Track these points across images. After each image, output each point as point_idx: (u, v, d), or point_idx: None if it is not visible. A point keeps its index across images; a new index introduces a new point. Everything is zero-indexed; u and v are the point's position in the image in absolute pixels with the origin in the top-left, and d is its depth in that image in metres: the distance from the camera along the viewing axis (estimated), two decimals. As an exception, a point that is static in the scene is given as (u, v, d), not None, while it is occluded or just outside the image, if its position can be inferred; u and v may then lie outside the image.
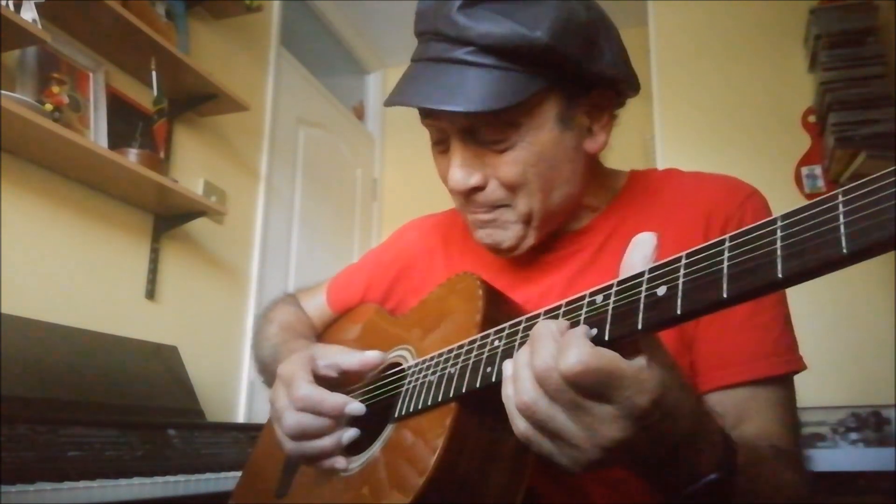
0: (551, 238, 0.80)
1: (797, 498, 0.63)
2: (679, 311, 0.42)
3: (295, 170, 3.18)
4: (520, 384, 0.48)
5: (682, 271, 0.43)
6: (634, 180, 0.83)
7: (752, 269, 0.40)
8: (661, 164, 2.70)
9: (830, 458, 1.95)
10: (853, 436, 2.09)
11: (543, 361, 0.46)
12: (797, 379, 0.71)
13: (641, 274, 0.47)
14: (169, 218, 2.24)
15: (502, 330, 0.58)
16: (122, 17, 1.91)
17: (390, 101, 0.71)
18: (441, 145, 0.76)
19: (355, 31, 3.72)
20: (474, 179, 0.72)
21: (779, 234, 0.40)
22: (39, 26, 1.63)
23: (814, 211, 0.39)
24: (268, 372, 0.94)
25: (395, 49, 3.82)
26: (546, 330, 0.48)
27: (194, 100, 2.33)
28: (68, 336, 1.69)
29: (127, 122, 2.09)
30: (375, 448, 0.68)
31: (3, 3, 1.54)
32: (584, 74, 0.71)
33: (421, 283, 0.89)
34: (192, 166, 2.43)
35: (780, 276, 0.39)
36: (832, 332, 2.31)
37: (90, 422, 1.38)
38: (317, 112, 3.39)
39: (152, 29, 2.03)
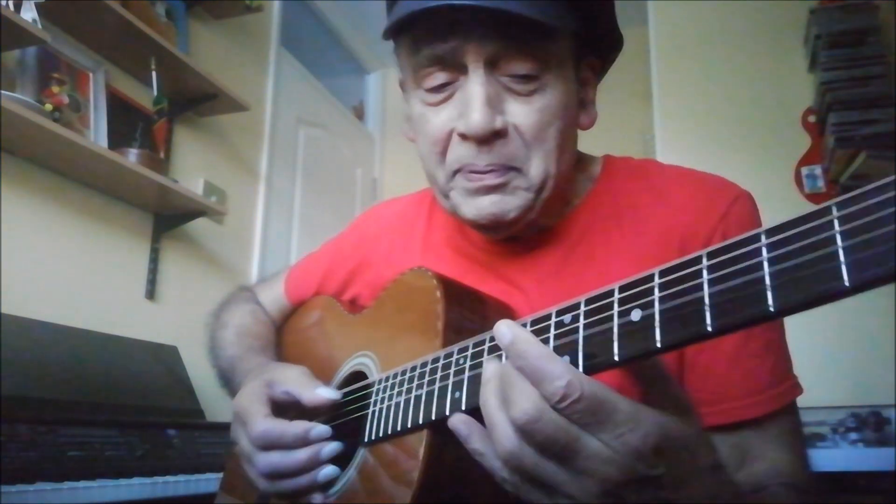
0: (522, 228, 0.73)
1: None
2: (659, 344, 0.38)
3: (295, 170, 3.18)
4: (499, 432, 0.43)
5: (656, 293, 0.39)
6: (608, 172, 0.74)
7: (738, 299, 0.35)
8: (661, 164, 2.70)
9: (830, 458, 1.95)
10: (853, 436, 2.09)
11: (524, 412, 0.41)
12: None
13: (611, 293, 0.43)
14: (169, 218, 2.24)
15: (466, 349, 0.55)
16: (122, 17, 1.91)
17: (408, 9, 0.60)
18: (443, 91, 0.65)
19: (355, 31, 3.72)
20: (500, 121, 0.62)
21: (765, 254, 0.35)
22: (39, 26, 1.63)
23: (804, 228, 0.34)
24: (229, 385, 0.88)
25: (395, 49, 3.82)
26: (513, 370, 0.42)
27: (194, 100, 2.33)
28: (68, 336, 1.69)
29: (127, 122, 2.09)
30: (350, 473, 0.65)
31: (3, 3, 1.54)
32: (601, 27, 0.67)
33: (379, 276, 0.82)
34: (192, 166, 2.43)
35: (771, 309, 0.34)
36: (832, 332, 2.31)
37: (90, 422, 1.39)
38: (317, 112, 3.39)
39: (152, 29, 2.03)
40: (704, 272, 0.37)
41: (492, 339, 0.52)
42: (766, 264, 0.35)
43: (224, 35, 2.65)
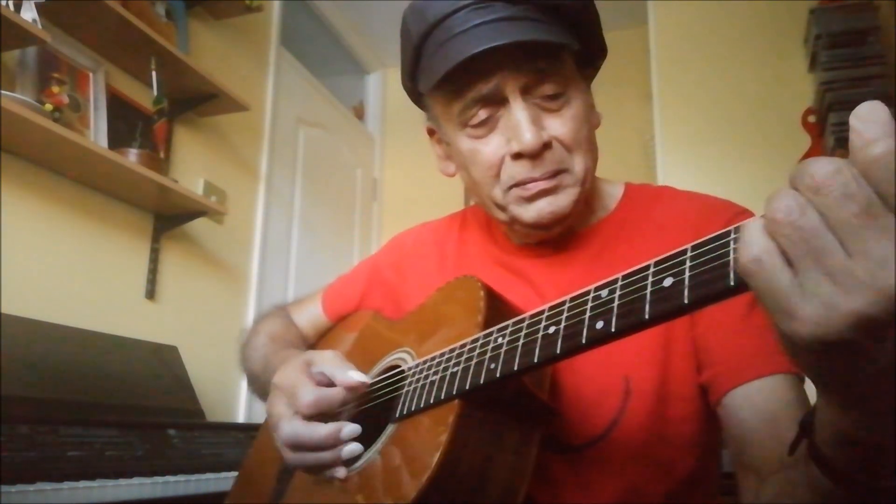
0: (546, 239, 0.81)
1: None
2: (686, 301, 0.42)
3: (295, 170, 3.17)
4: (748, 234, 0.36)
5: (688, 263, 0.44)
6: (630, 195, 0.84)
7: None
8: (661, 165, 2.70)
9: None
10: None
11: (824, 165, 0.32)
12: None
13: (647, 267, 0.47)
14: (169, 218, 2.24)
15: (506, 328, 0.58)
16: (122, 17, 1.91)
17: (459, 56, 0.68)
18: (486, 124, 0.74)
19: (355, 31, 3.72)
20: (545, 135, 0.72)
21: None
22: (39, 26, 1.63)
23: None
24: (258, 383, 0.93)
25: (396, 49, 3.80)
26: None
27: (194, 100, 2.33)
28: (68, 336, 1.69)
29: (127, 122, 2.09)
30: (375, 449, 0.67)
31: (3, 3, 1.54)
32: (593, 41, 0.76)
33: (416, 290, 0.88)
34: (192, 166, 2.43)
35: None
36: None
37: (90, 422, 1.38)
38: (317, 112, 3.39)
39: (152, 29, 2.03)
40: (731, 242, 0.41)
41: (531, 317, 0.56)
42: None
43: (224, 35, 2.65)
